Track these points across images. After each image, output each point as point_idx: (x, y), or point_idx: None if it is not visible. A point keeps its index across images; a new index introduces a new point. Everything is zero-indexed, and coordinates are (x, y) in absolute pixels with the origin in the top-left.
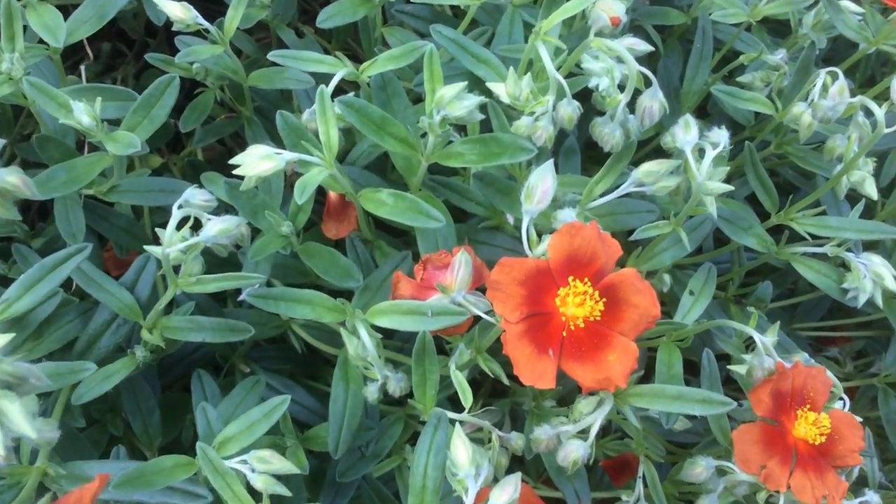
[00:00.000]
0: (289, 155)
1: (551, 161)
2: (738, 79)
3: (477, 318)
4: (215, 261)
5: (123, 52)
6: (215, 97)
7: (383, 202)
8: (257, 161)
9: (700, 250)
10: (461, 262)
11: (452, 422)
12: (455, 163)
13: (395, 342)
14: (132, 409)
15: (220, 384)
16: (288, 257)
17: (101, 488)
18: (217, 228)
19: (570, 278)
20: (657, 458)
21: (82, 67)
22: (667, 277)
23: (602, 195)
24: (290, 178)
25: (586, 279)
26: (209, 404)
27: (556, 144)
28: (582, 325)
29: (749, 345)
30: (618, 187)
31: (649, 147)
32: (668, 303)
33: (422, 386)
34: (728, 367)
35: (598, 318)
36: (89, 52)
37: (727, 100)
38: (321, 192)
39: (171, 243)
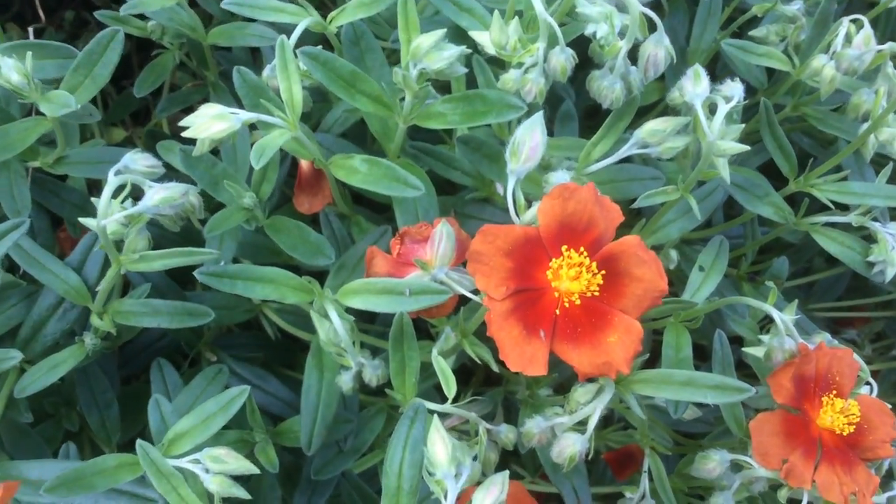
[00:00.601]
0: (245, 115)
1: (540, 113)
2: (752, 33)
3: (463, 299)
4: (177, 238)
5: (87, 20)
6: (175, 60)
7: (356, 169)
8: (209, 122)
9: (709, 224)
10: (442, 234)
11: (433, 413)
12: (436, 124)
13: (377, 327)
14: (87, 402)
15: (186, 375)
16: (258, 234)
17: (6, 499)
18: (159, 197)
19: (564, 248)
20: (664, 450)
21: (30, 29)
22: (673, 253)
23: (601, 159)
24: None
25: (582, 249)
26: (163, 397)
27: (551, 111)
28: (577, 302)
29: (764, 326)
30: (619, 151)
31: (652, 114)
32: (676, 282)
33: (400, 374)
34: (742, 349)
35: (597, 294)
36: (41, 13)
37: (739, 55)
38: (295, 165)
39: (107, 214)
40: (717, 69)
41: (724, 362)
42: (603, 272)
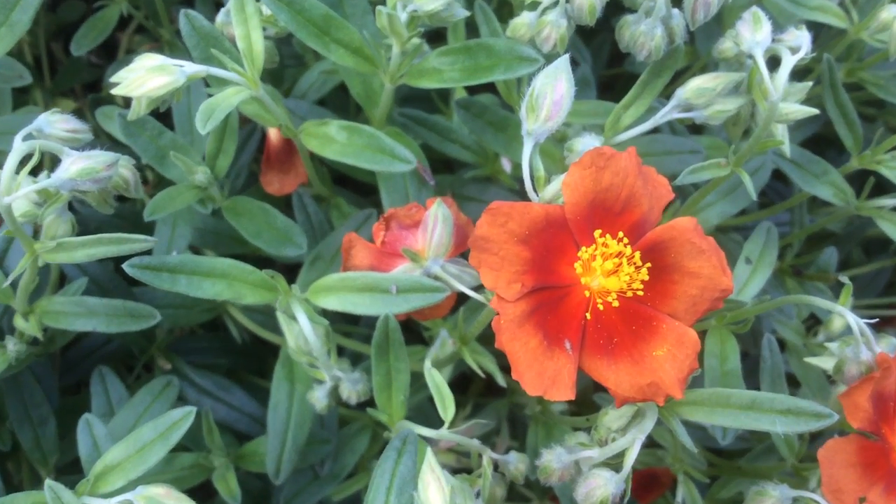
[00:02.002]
0: (192, 67)
1: (566, 59)
2: None
3: (462, 296)
4: (122, 223)
5: None
6: (122, 12)
7: (331, 139)
8: (146, 76)
9: (743, 209)
10: (437, 218)
11: (427, 441)
12: (430, 82)
13: (361, 329)
14: (19, 417)
15: (136, 385)
16: (221, 220)
17: None
18: (76, 168)
19: (597, 233)
20: (698, 475)
21: None
22: None
23: (631, 127)
24: None
25: (621, 234)
26: (96, 418)
27: None
28: (615, 304)
29: (811, 328)
30: (655, 116)
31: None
32: None
33: (386, 389)
34: (806, 360)
35: (640, 294)
36: None
37: (789, 9)
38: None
39: (11, 189)
40: None
41: (773, 374)
42: (648, 265)
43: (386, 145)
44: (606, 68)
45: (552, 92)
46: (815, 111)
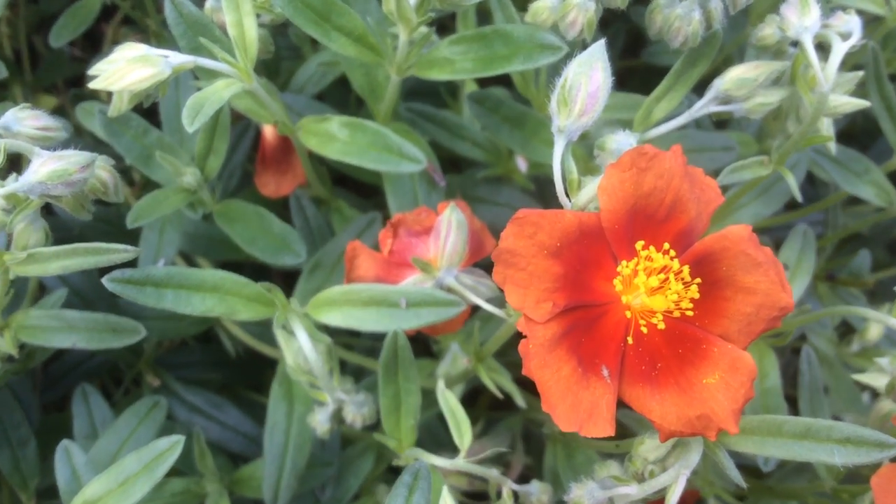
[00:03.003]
0: (179, 58)
1: (602, 44)
2: None
3: (476, 309)
4: (108, 230)
5: None
6: (106, 3)
7: (333, 136)
8: (127, 67)
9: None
10: (451, 224)
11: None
12: (441, 73)
13: (364, 341)
14: None
15: (122, 404)
16: (211, 225)
17: None
18: (46, 170)
19: (639, 245)
20: (730, 499)
21: None
22: None
23: (664, 121)
24: None
25: (666, 246)
26: (75, 444)
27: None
28: (661, 326)
29: (844, 336)
30: (691, 109)
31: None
32: None
33: (394, 413)
34: (855, 377)
35: (689, 313)
36: None
37: None
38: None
39: None
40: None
41: (812, 388)
42: (697, 280)
43: (393, 143)
44: (621, 59)
45: (587, 82)
46: (865, 103)
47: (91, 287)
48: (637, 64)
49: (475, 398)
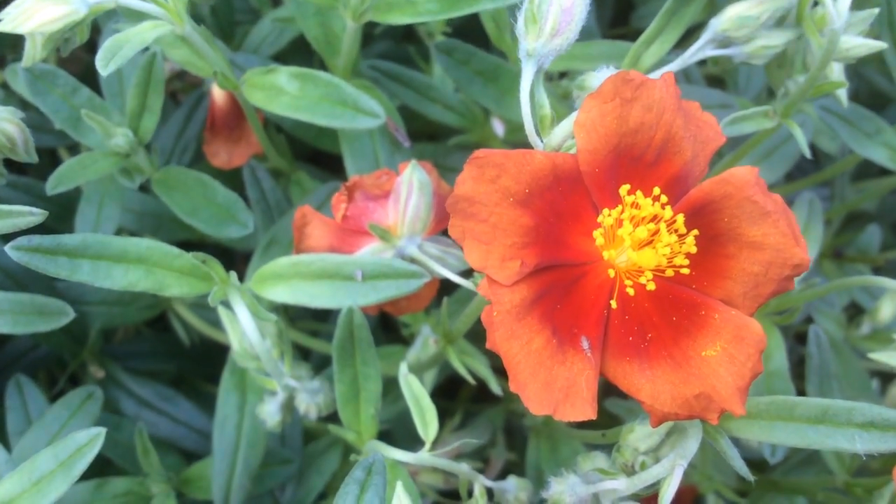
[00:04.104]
0: None
1: None
2: None
3: (447, 283)
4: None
5: None
6: None
7: (280, 90)
8: (37, 5)
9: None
10: (412, 186)
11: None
12: (401, 16)
13: (332, 326)
14: None
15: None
16: (160, 202)
17: None
18: None
19: (624, 190)
20: (730, 494)
21: None
22: None
23: (655, 68)
24: (166, 83)
25: (657, 190)
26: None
27: None
28: (650, 287)
29: (853, 318)
30: (685, 54)
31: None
32: None
33: (352, 401)
34: (870, 356)
35: (685, 272)
36: None
37: None
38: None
39: None
40: None
41: (822, 373)
42: (694, 232)
43: (348, 96)
44: (611, 27)
45: None
46: (881, 44)
47: (25, 268)
48: (627, 32)
49: (454, 388)
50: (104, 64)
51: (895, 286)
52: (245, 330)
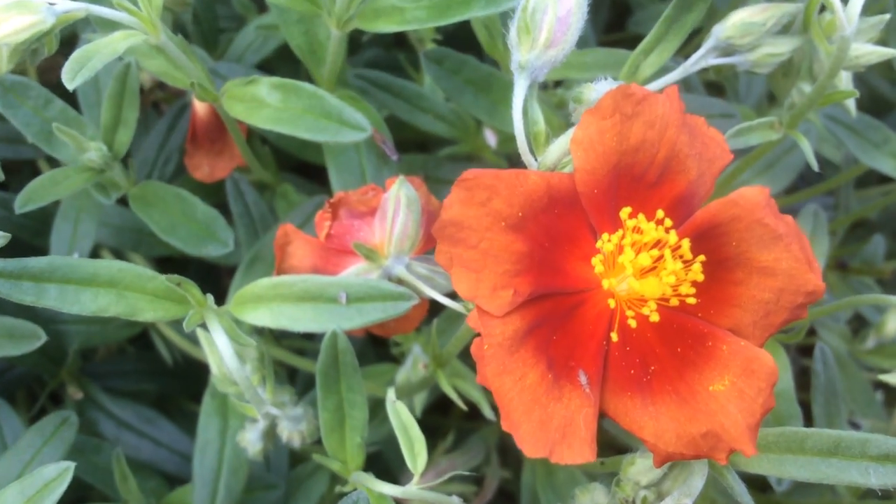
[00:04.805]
0: (66, 4)
1: None
2: None
3: (436, 304)
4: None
5: None
6: None
7: (262, 101)
8: (2, 15)
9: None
10: (398, 202)
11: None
12: (388, 24)
13: (317, 343)
14: None
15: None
16: (135, 215)
17: None
18: None
19: (625, 213)
20: None
21: None
22: None
23: (654, 78)
24: (148, 93)
25: (660, 214)
26: None
27: None
28: (654, 318)
29: (858, 332)
30: (686, 62)
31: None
32: None
33: (337, 430)
34: (880, 377)
35: (691, 302)
36: None
37: None
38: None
39: None
40: None
41: (828, 392)
42: (701, 258)
43: (332, 108)
44: (606, 33)
45: (555, 5)
46: (893, 52)
47: None
48: (624, 37)
49: (447, 405)
50: (71, 76)
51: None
52: (222, 355)
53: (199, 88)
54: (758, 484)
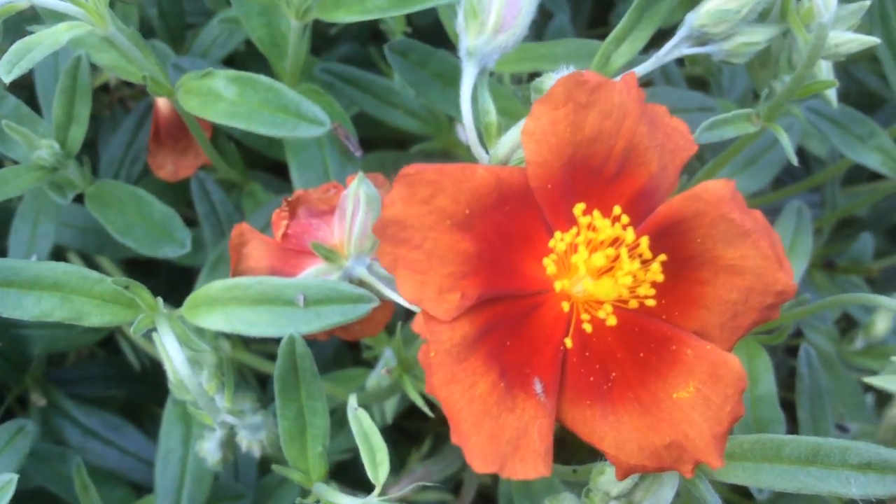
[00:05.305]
0: None
1: None
2: None
3: (403, 309)
4: None
5: None
6: None
7: (218, 95)
8: None
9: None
10: (358, 200)
11: None
12: (348, 14)
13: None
14: None
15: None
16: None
17: None
18: None
19: (579, 209)
20: None
21: None
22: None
23: (626, 69)
24: (114, 90)
25: (617, 210)
26: None
27: (536, 27)
28: (611, 322)
29: (846, 332)
30: (660, 52)
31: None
32: None
33: (297, 438)
34: (866, 380)
35: (651, 304)
36: None
37: None
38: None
39: None
40: None
41: (814, 395)
42: (661, 258)
43: (289, 102)
44: (589, 28)
45: None
46: (873, 40)
47: None
48: (607, 32)
49: (425, 415)
50: (8, 69)
51: (890, 304)
52: (174, 362)
53: (151, 82)
54: (742, 489)
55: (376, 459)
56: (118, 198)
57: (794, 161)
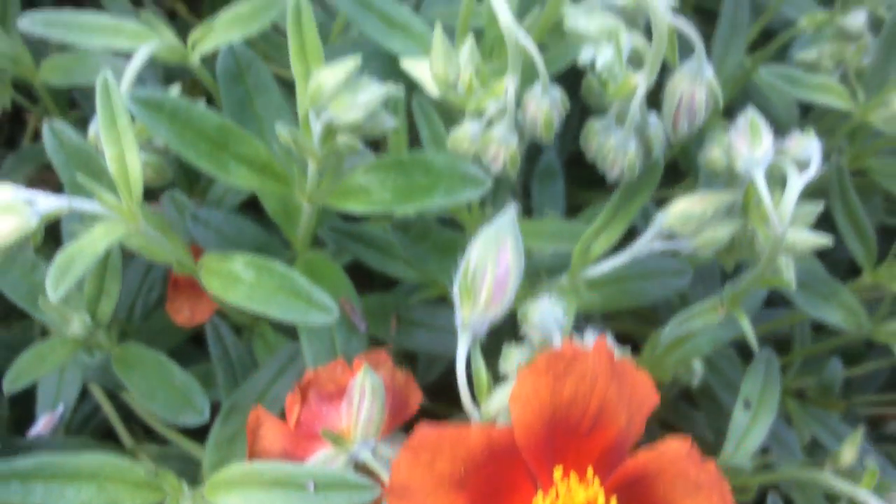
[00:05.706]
0: (48, 202)
1: (512, 215)
2: (800, 56)
3: None
4: None
5: None
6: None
7: (237, 278)
8: None
9: None
10: (364, 390)
11: None
12: (357, 204)
13: None
14: None
15: None
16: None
17: None
18: None
19: (558, 473)
20: None
21: None
22: (696, 365)
23: (604, 257)
24: None
25: (590, 472)
26: None
27: (525, 162)
28: None
29: (815, 456)
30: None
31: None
32: (701, 404)
33: None
34: None
35: None
36: None
37: (783, 87)
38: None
39: None
40: (737, 108)
41: None
42: None
43: (301, 288)
44: (574, 143)
45: (494, 266)
46: (827, 241)
47: None
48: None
49: None
50: (55, 284)
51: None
52: None
53: (177, 265)
54: None
55: None
56: (142, 361)
57: (755, 346)
